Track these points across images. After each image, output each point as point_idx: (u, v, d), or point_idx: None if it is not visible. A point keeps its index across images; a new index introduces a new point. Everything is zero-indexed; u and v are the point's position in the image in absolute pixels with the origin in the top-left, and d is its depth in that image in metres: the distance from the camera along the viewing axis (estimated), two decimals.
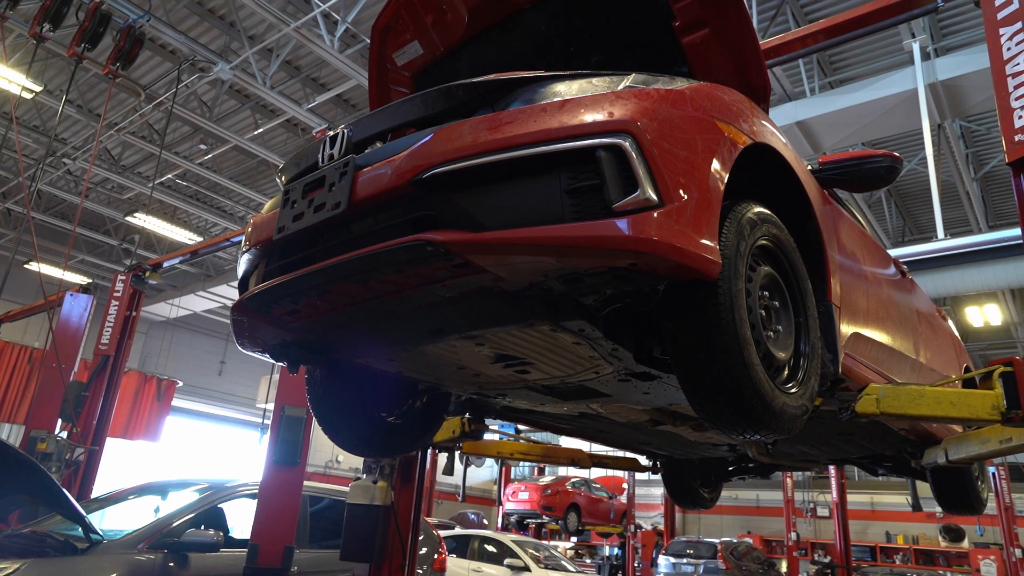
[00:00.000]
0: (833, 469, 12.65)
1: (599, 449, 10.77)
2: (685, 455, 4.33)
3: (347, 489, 4.27)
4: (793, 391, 1.80)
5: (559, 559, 10.64)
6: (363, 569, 4.03)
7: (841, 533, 13.27)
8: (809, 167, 2.36)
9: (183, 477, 5.35)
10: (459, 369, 2.26)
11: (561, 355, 2.04)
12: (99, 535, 3.87)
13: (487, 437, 4.06)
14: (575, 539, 19.89)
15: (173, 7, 9.69)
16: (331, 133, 1.90)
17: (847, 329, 2.28)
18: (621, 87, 1.63)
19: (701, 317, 1.58)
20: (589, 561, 20.22)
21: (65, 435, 7.13)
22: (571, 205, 1.45)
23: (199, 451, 20.65)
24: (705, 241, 1.50)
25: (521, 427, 5.20)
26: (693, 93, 1.69)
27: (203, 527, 4.18)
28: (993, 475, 11.74)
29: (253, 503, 4.56)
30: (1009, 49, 2.59)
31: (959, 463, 3.08)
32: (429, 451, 4.60)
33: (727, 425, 1.68)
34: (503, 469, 19.86)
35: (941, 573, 18.41)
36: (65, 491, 3.68)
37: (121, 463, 14.52)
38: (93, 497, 6.20)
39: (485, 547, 9.91)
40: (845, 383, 2.31)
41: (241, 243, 2.12)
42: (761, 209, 1.83)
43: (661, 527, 18.66)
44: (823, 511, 20.73)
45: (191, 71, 10.30)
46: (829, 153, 5.72)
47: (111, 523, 4.62)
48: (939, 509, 4.25)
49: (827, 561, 18.22)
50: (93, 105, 12.02)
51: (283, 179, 2.07)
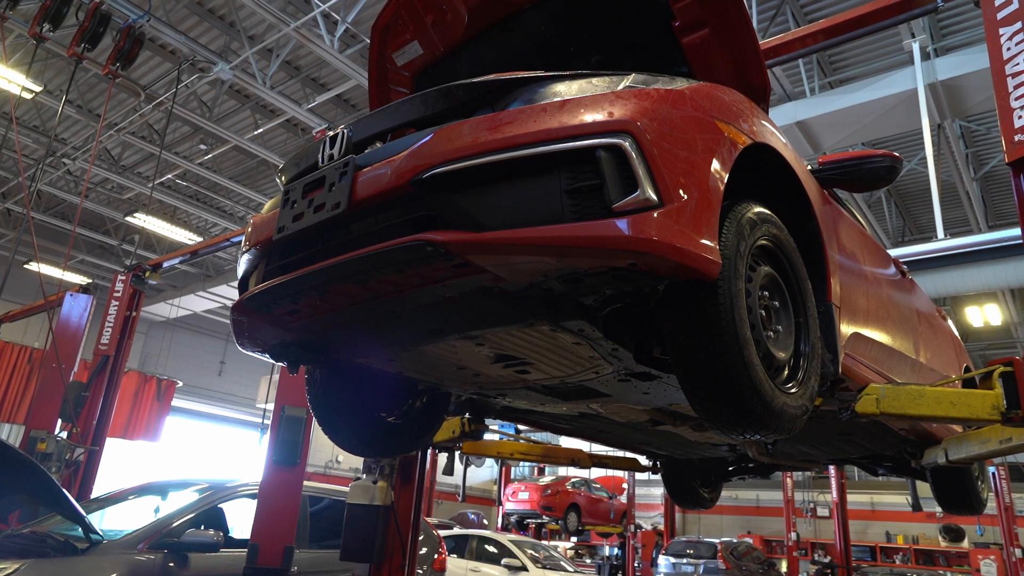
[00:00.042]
0: (833, 469, 12.65)
1: (599, 449, 10.77)
2: (685, 455, 4.33)
3: (347, 489, 4.27)
4: (793, 391, 1.80)
5: (558, 559, 10.63)
6: (363, 569, 4.03)
7: (841, 533, 13.27)
8: (809, 167, 2.36)
9: (183, 477, 5.36)
10: (459, 369, 2.26)
11: (561, 355, 2.04)
12: (99, 535, 3.87)
13: (487, 437, 4.06)
14: (575, 539, 19.89)
15: (173, 7, 9.69)
16: (331, 133, 1.90)
17: (847, 329, 2.28)
18: (621, 87, 1.63)
19: (701, 317, 1.58)
20: (589, 561, 20.21)
21: (65, 435, 7.13)
22: (571, 205, 1.45)
23: (199, 451, 20.64)
24: (705, 241, 1.50)
25: (521, 427, 5.20)
26: (693, 93, 1.69)
27: (203, 527, 4.18)
28: (993, 475, 11.74)
29: (253, 503, 4.56)
30: (1009, 49, 2.59)
31: (959, 463, 3.08)
32: (429, 451, 4.60)
33: (727, 425, 1.68)
34: (503, 469, 19.86)
35: (941, 573, 18.40)
36: (65, 491, 3.68)
37: (121, 463, 14.52)
38: (93, 497, 6.20)
39: (483, 547, 9.91)
40: (845, 383, 2.31)
41: (241, 243, 2.12)
42: (761, 209, 1.83)
43: (661, 527, 18.66)
44: (823, 511, 20.74)
45: (191, 71, 10.29)
46: (829, 153, 5.72)
47: (111, 523, 4.62)
48: (939, 509, 4.25)
49: (827, 561, 18.21)
50: (93, 105, 12.01)
51: (283, 179, 2.07)
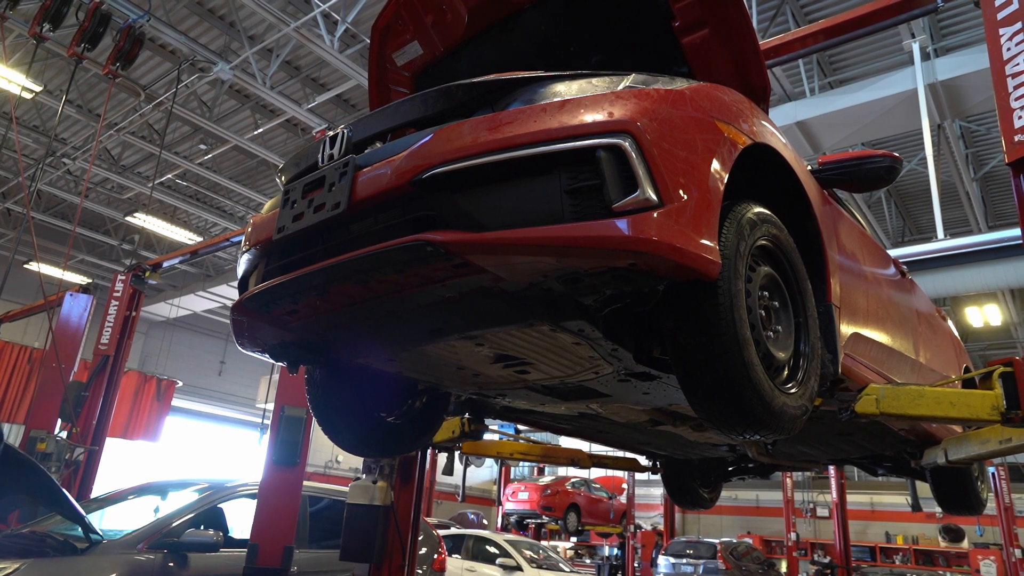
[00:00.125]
0: (833, 469, 12.65)
1: (599, 449, 10.77)
2: (685, 455, 4.33)
3: (347, 489, 4.27)
4: (793, 391, 1.80)
5: (556, 560, 10.64)
6: (363, 569, 4.03)
7: (841, 533, 13.27)
8: (809, 167, 2.36)
9: (183, 477, 5.36)
10: (459, 369, 2.26)
11: (561, 355, 2.04)
12: (99, 535, 3.87)
13: (487, 437, 4.06)
14: (575, 539, 19.89)
15: (173, 7, 9.69)
16: (331, 133, 1.90)
17: (847, 329, 2.28)
18: (621, 87, 1.63)
19: (701, 317, 1.58)
20: (589, 561, 20.20)
21: (65, 435, 7.13)
22: (571, 205, 1.45)
23: (199, 451, 20.64)
24: (705, 241, 1.50)
25: (521, 427, 5.20)
26: (693, 93, 1.69)
27: (203, 527, 4.18)
28: (993, 475, 11.74)
29: (253, 503, 4.56)
30: (1009, 49, 2.59)
31: (959, 463, 3.08)
32: (429, 451, 4.60)
33: (727, 425, 1.68)
34: (503, 469, 19.86)
35: (941, 573, 18.41)
36: (65, 491, 3.68)
37: (121, 463, 14.52)
38: (93, 497, 6.19)
39: (479, 547, 9.93)
40: (845, 383, 2.31)
41: (241, 243, 2.12)
42: (761, 209, 1.83)
43: (661, 527, 18.66)
44: (823, 511, 20.72)
45: (191, 71, 10.29)
46: (829, 153, 5.72)
47: (111, 523, 4.62)
48: (939, 509, 4.25)
49: (827, 561, 18.19)
50: (93, 105, 12.01)
51: (283, 179, 2.07)
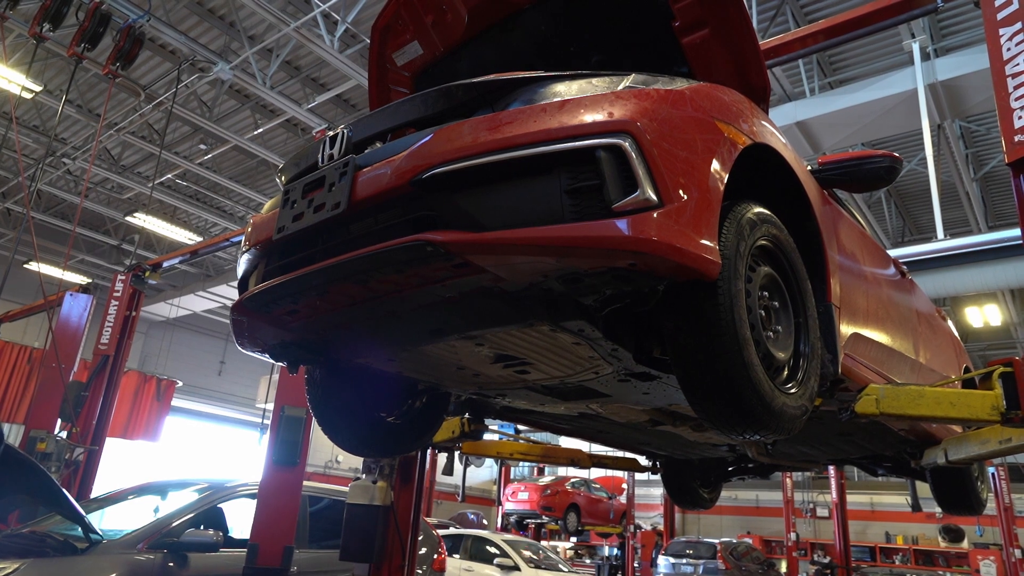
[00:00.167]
0: (833, 469, 12.65)
1: (599, 449, 10.77)
2: (685, 455, 4.32)
3: (347, 489, 4.27)
4: (793, 391, 1.80)
5: (554, 560, 10.65)
6: (362, 569, 4.03)
7: (841, 533, 13.27)
8: (809, 167, 2.36)
9: (183, 477, 5.35)
10: (459, 369, 2.26)
11: (561, 355, 2.04)
12: (99, 535, 3.87)
13: (487, 437, 4.06)
14: (575, 539, 19.88)
15: (173, 7, 9.69)
16: (331, 133, 1.90)
17: (847, 329, 2.28)
18: (621, 87, 1.63)
19: (701, 317, 1.58)
20: (588, 561, 20.20)
21: (65, 435, 7.12)
22: (571, 205, 1.45)
23: (199, 451, 20.64)
24: (705, 241, 1.50)
25: (521, 427, 5.20)
26: (693, 93, 1.69)
27: (202, 527, 4.18)
28: (993, 475, 11.74)
29: (253, 503, 4.56)
30: (1009, 49, 2.59)
31: (959, 463, 3.08)
32: (429, 451, 4.60)
33: (727, 425, 1.68)
34: (503, 469, 19.87)
35: (941, 573, 18.41)
36: (65, 491, 3.68)
37: (121, 463, 14.51)
38: (93, 497, 6.20)
39: (477, 547, 9.94)
40: (845, 383, 2.31)
41: (241, 243, 2.12)
42: (761, 209, 1.83)
43: (661, 527, 18.65)
44: (823, 511, 20.72)
45: (191, 71, 10.29)
46: (829, 153, 5.72)
47: (111, 523, 4.62)
48: (939, 509, 4.25)
49: (827, 561, 18.20)
50: (93, 105, 12.01)
51: (283, 179, 2.07)
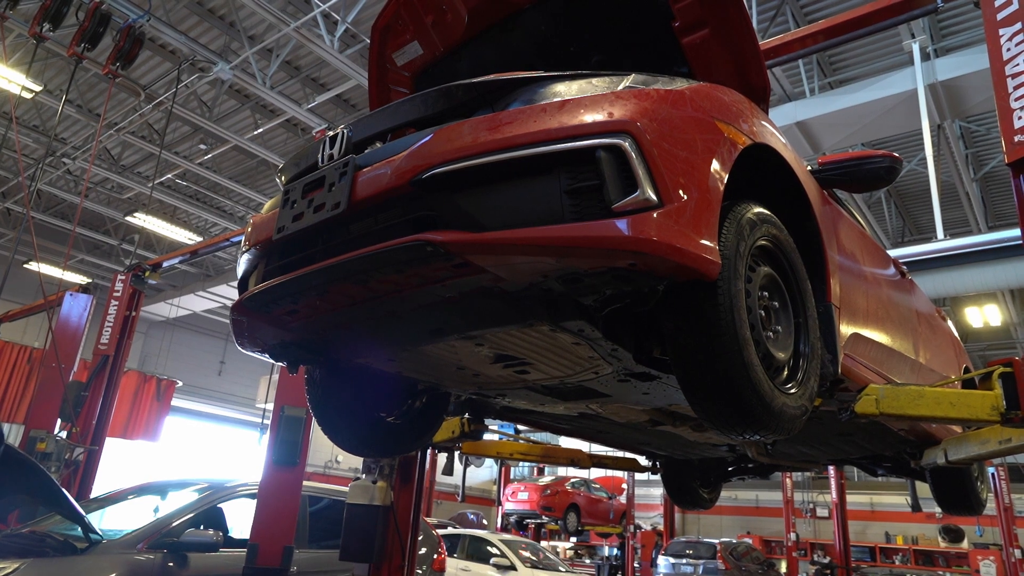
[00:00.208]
0: (832, 470, 12.65)
1: (599, 449, 10.78)
2: (685, 455, 4.32)
3: (347, 489, 4.27)
4: (792, 391, 1.80)
5: (553, 560, 10.67)
6: (362, 569, 4.03)
7: (840, 533, 13.26)
8: (809, 167, 2.36)
9: (183, 477, 5.35)
10: (459, 369, 2.26)
11: (561, 355, 2.04)
12: (98, 535, 3.87)
13: (487, 437, 4.06)
14: (574, 539, 19.88)
15: (173, 7, 9.69)
16: (331, 133, 1.90)
17: (846, 329, 2.28)
18: (621, 87, 1.63)
19: (701, 318, 1.58)
20: (588, 561, 20.20)
21: (64, 435, 7.12)
22: (571, 205, 1.45)
23: (199, 451, 20.64)
24: (705, 241, 1.50)
25: (521, 427, 5.20)
26: (693, 93, 1.69)
27: (202, 527, 4.18)
28: (992, 476, 11.74)
29: (253, 503, 4.56)
30: (1009, 50, 2.59)
31: (958, 464, 3.08)
32: (429, 451, 4.60)
33: (726, 425, 1.68)
34: (503, 469, 19.87)
35: (940, 574, 18.41)
36: (64, 491, 3.68)
37: (121, 463, 14.51)
38: (92, 497, 6.20)
39: (475, 547, 9.96)
40: (844, 384, 2.31)
41: (241, 243, 2.12)
42: (761, 209, 1.83)
43: (660, 527, 18.65)
44: (823, 511, 20.71)
45: (191, 71, 10.29)
46: (829, 153, 5.72)
47: (110, 523, 4.62)
48: (938, 510, 4.25)
49: (826, 562, 18.19)
50: (93, 105, 12.01)
51: (283, 179, 2.07)
